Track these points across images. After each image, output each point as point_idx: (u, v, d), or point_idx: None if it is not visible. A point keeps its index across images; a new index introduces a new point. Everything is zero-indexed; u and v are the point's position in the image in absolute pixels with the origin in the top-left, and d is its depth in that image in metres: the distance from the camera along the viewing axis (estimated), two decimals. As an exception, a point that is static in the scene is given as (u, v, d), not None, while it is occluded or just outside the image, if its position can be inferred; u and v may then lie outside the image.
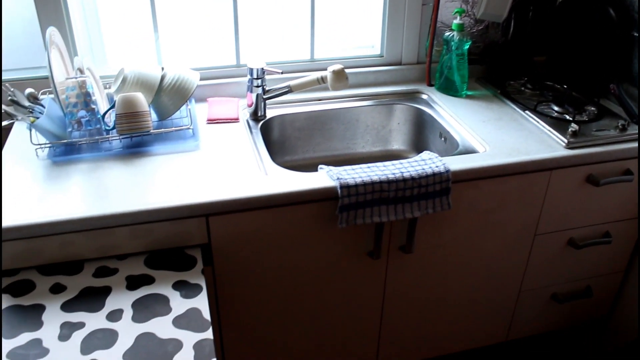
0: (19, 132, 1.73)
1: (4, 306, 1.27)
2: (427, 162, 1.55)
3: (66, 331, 1.21)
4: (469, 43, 1.91)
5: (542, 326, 2.07)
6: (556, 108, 1.85)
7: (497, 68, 2.11)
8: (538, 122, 1.78)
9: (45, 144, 1.61)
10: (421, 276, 1.75)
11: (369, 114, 1.96)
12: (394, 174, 1.49)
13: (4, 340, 1.18)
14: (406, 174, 1.49)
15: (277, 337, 1.74)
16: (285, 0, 1.99)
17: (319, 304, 1.71)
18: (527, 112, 1.84)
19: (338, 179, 1.46)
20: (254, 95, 1.80)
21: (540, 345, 2.20)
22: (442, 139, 1.84)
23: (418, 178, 1.50)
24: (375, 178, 1.47)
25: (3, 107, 1.55)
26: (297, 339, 1.77)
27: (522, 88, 2.01)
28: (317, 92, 1.96)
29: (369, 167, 1.52)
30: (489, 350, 2.17)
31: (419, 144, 1.99)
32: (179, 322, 1.22)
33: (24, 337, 1.19)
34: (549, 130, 1.73)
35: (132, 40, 1.94)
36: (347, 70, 1.75)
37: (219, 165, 1.56)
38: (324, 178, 1.49)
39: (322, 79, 1.75)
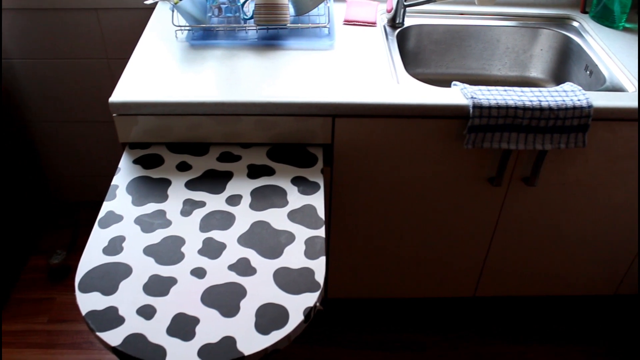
0: (162, 13, 1.77)
1: (136, 175, 1.35)
2: (568, 94, 1.45)
3: (188, 207, 1.26)
4: (638, -31, 1.73)
5: (659, 285, 1.96)
6: None
7: (664, 1, 1.91)
8: (703, 66, 1.61)
9: (185, 26, 1.64)
10: (539, 211, 1.68)
11: (511, 36, 1.85)
12: (531, 101, 1.41)
13: (133, 207, 1.26)
14: (544, 103, 1.41)
15: (381, 248, 1.75)
16: None
17: (428, 222, 1.69)
18: (692, 53, 1.66)
19: (472, 97, 1.40)
20: (394, 1, 1.74)
21: (651, 303, 2.11)
22: (587, 72, 1.71)
23: (556, 109, 1.41)
24: (510, 102, 1.40)
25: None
26: (400, 254, 1.77)
27: (691, 26, 1.81)
28: (460, 5, 1.86)
29: (505, 91, 1.45)
30: (593, 300, 2.09)
31: (559, 75, 1.86)
32: (293, 215, 1.25)
33: (150, 207, 1.26)
34: None
35: None
36: (496, -15, 1.64)
37: (351, 67, 1.54)
38: (457, 95, 1.44)
39: (469, -9, 1.66)
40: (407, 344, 1.95)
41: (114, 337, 1.01)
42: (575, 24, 1.86)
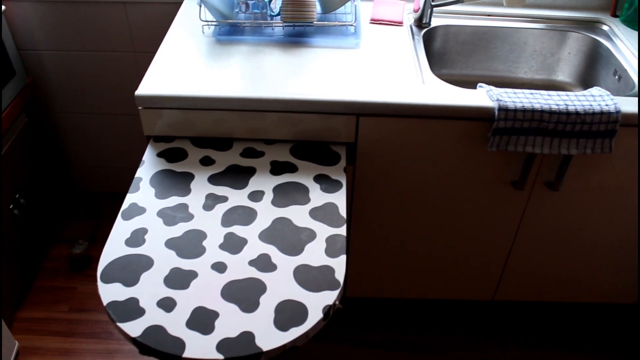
0: (189, 8, 1.78)
1: (159, 168, 1.36)
2: (596, 99, 1.43)
3: (210, 202, 1.27)
4: (671, -26, 1.70)
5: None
6: None
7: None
8: None
9: (212, 21, 1.65)
10: (562, 216, 1.67)
11: (539, 39, 1.83)
12: (557, 105, 1.39)
13: (156, 200, 1.27)
14: (571, 108, 1.39)
15: (400, 249, 1.75)
16: None
17: (450, 224, 1.68)
18: None
19: (498, 100, 1.39)
20: (421, 1, 1.73)
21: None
22: (616, 77, 1.69)
23: (583, 114, 1.39)
24: (537, 106, 1.38)
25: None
26: (420, 255, 1.76)
27: None
28: (488, 6, 1.85)
29: (532, 94, 1.43)
30: (614, 308, 2.07)
31: (587, 79, 1.84)
32: (315, 213, 1.25)
33: (173, 200, 1.27)
34: None
35: None
36: (525, -13, 1.63)
37: (376, 66, 1.53)
38: (483, 97, 1.43)
39: (498, -7, 1.64)
40: (421, 345, 1.94)
41: (134, 328, 1.02)
42: (604, 27, 1.83)
